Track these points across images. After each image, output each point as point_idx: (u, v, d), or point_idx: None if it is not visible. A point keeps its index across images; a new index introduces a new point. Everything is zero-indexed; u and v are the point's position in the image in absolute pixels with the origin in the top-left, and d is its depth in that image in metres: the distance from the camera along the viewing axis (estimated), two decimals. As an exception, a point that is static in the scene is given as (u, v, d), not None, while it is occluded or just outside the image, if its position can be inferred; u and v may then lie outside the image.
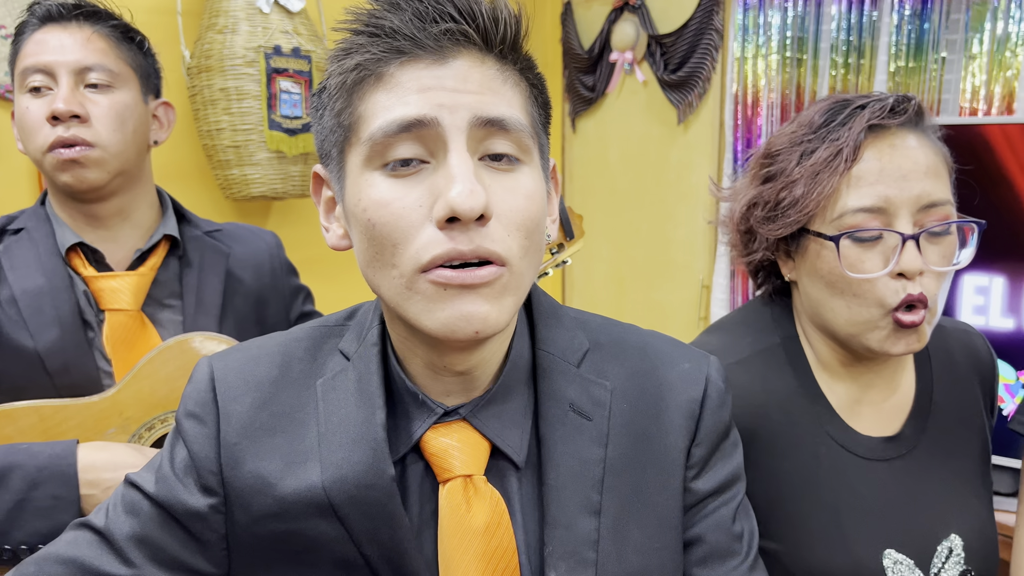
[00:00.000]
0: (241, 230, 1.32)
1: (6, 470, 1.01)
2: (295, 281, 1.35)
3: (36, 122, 1.11)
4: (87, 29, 1.14)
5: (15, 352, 1.10)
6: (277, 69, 1.99)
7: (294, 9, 2.04)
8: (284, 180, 2.09)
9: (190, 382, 0.74)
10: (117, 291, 1.15)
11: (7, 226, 1.16)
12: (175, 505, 0.71)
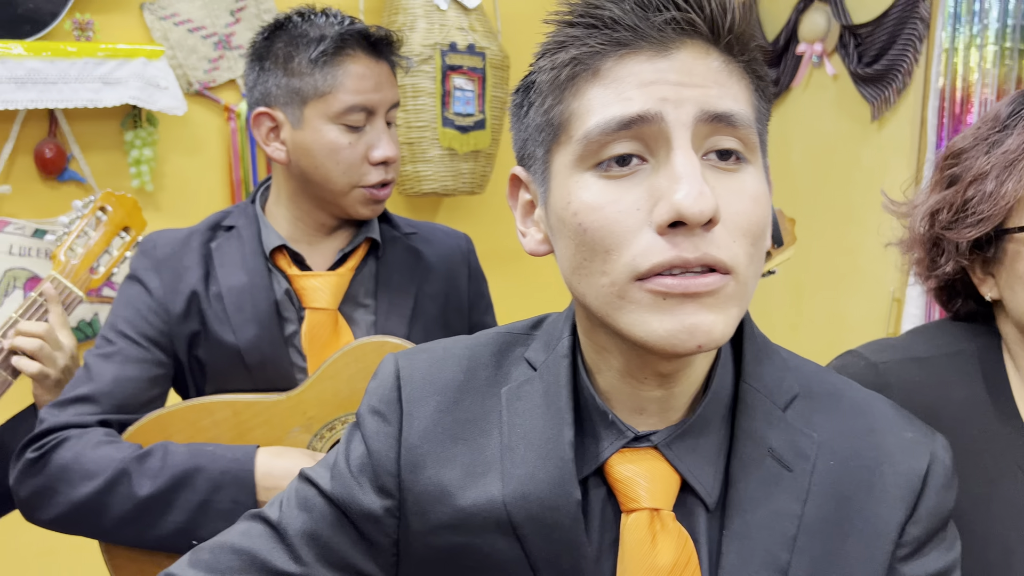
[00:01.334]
0: (436, 231, 1.31)
1: (192, 471, 1.04)
2: (482, 288, 1.33)
3: (355, 159, 1.14)
4: (386, 63, 1.18)
5: (219, 346, 1.14)
6: (452, 66, 1.98)
7: (471, 6, 2.02)
8: (455, 177, 2.08)
9: (375, 378, 0.72)
10: (318, 290, 1.16)
11: (221, 222, 1.20)
12: (349, 504, 0.69)
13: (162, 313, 1.14)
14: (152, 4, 1.93)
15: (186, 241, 1.18)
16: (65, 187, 1.93)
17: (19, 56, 1.72)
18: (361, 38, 1.14)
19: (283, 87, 1.15)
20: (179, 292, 1.14)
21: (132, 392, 1.11)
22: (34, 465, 1.05)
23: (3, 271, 1.84)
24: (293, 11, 1.17)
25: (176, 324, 1.14)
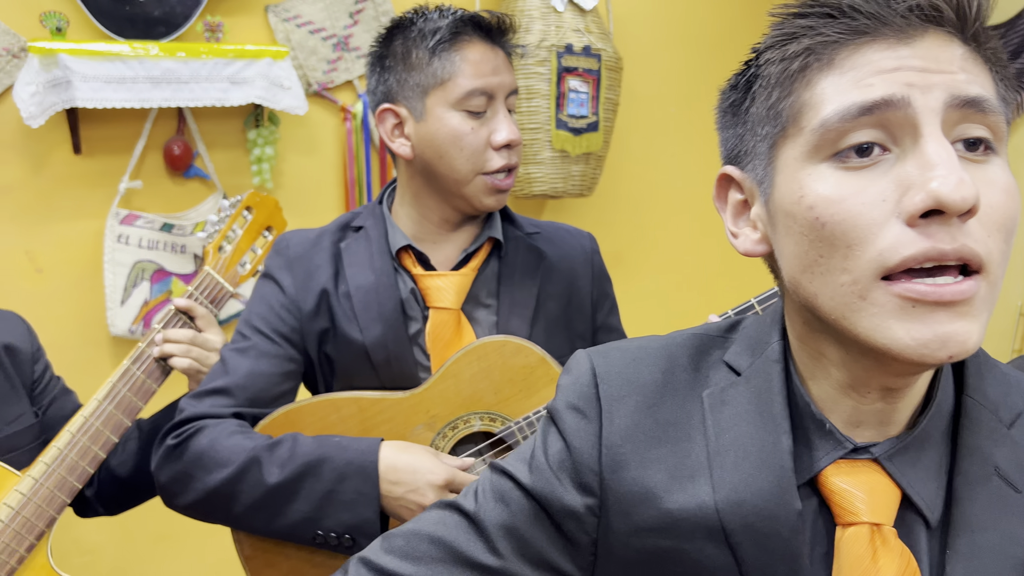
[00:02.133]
0: (560, 231, 1.30)
1: (319, 461, 1.06)
2: (606, 288, 1.30)
3: (479, 144, 1.14)
4: (502, 50, 1.18)
5: (347, 343, 1.16)
6: (568, 68, 1.96)
7: (587, 7, 2.00)
8: (565, 180, 2.07)
9: (567, 373, 0.71)
10: (442, 290, 1.17)
11: (350, 223, 1.23)
12: (550, 499, 0.68)
13: (294, 310, 1.17)
14: (276, 6, 1.99)
15: (317, 241, 1.20)
16: (190, 183, 2.01)
17: (156, 56, 1.80)
18: (475, 24, 1.15)
19: (404, 82, 1.16)
20: (310, 290, 1.17)
21: (265, 386, 1.14)
22: (173, 452, 1.09)
23: (132, 263, 1.92)
24: (408, 11, 1.19)
25: (307, 321, 1.17)
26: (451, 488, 1.07)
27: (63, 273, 1.90)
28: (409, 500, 1.05)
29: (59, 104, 1.75)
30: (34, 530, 1.07)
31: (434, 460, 1.08)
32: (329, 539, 1.06)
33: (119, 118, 1.89)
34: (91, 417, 1.14)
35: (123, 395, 1.17)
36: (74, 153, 1.88)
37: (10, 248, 1.85)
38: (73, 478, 1.11)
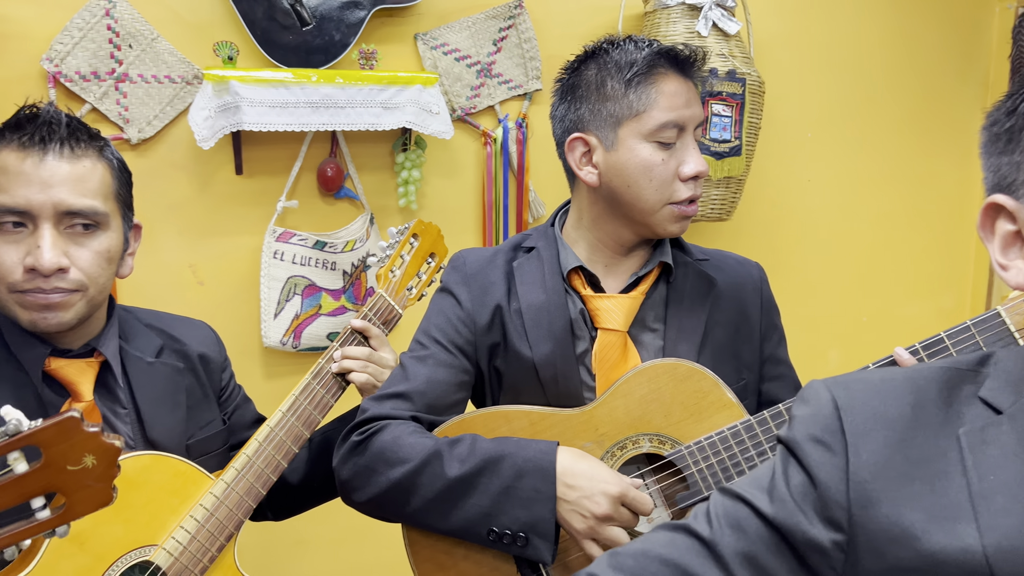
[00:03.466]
0: (728, 259, 1.30)
1: (499, 458, 1.09)
2: (775, 319, 1.29)
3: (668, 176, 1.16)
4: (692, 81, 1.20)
5: (517, 359, 1.19)
6: (711, 92, 1.96)
7: (731, 31, 2.00)
8: (703, 203, 2.05)
9: (805, 404, 0.71)
10: (611, 311, 1.19)
11: (522, 243, 1.27)
12: (794, 532, 0.67)
13: (469, 323, 1.21)
14: (425, 34, 2.07)
15: (492, 259, 1.25)
16: (340, 203, 2.10)
17: (316, 83, 1.89)
18: (671, 58, 1.17)
19: (597, 112, 1.18)
20: (485, 305, 1.21)
21: (441, 393, 1.18)
22: (357, 447, 1.14)
23: (286, 278, 2.02)
24: (603, 40, 1.21)
25: (481, 335, 1.21)
26: (624, 502, 1.08)
27: (222, 286, 2.01)
28: (582, 506, 1.06)
29: (228, 127, 1.86)
30: (224, 531, 1.13)
31: (610, 471, 1.10)
32: (503, 536, 1.08)
33: (278, 141, 2.00)
34: (276, 428, 1.20)
35: (304, 408, 1.23)
36: (236, 174, 2.00)
37: (176, 261, 1.97)
38: (259, 485, 1.17)
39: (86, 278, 1.06)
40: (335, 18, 1.95)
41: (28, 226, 1.04)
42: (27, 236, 1.04)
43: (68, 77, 1.83)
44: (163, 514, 1.08)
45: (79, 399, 1.09)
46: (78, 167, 1.06)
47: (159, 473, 1.09)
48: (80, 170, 1.06)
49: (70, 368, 1.09)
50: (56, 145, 1.05)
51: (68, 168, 1.05)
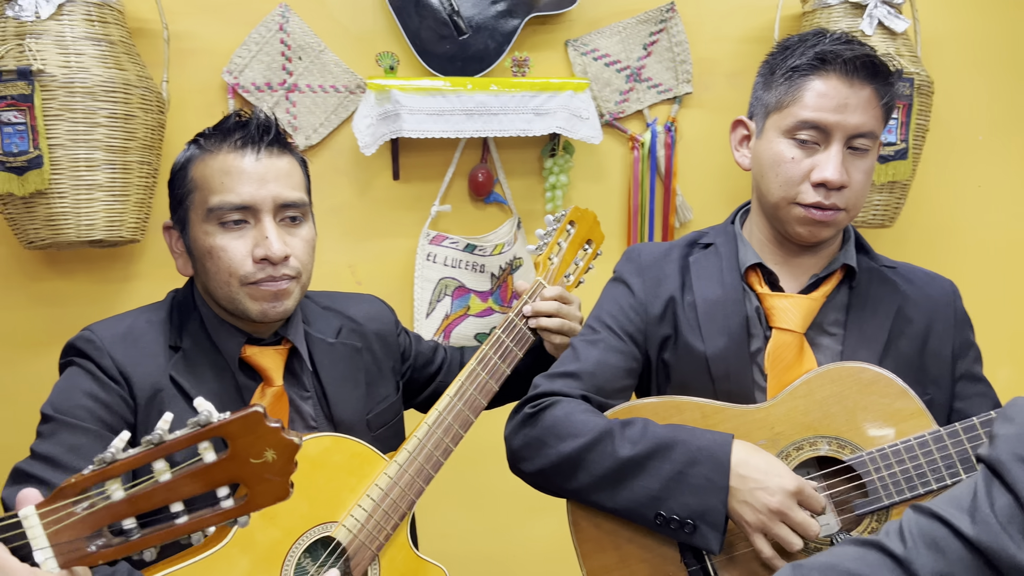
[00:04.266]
0: (918, 272, 1.26)
1: (672, 443, 1.08)
2: (970, 336, 1.23)
3: (795, 176, 1.13)
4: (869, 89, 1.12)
5: (688, 352, 1.18)
6: (875, 92, 1.88)
7: (899, 29, 1.91)
8: (865, 209, 1.97)
9: (1010, 422, 0.68)
10: (787, 311, 1.16)
11: (699, 240, 1.28)
12: (999, 554, 0.65)
13: (642, 312, 1.22)
14: (575, 40, 2.09)
15: (667, 253, 1.26)
16: (489, 208, 2.14)
17: (471, 90, 1.95)
18: (841, 59, 1.12)
19: (759, 98, 1.20)
20: (658, 296, 1.21)
21: (610, 377, 1.19)
22: (530, 419, 1.16)
23: (438, 279, 2.08)
24: (812, 31, 1.18)
25: (653, 325, 1.21)
26: (800, 500, 1.06)
27: (379, 286, 2.09)
28: (755, 497, 1.04)
29: (388, 134, 1.94)
30: (398, 511, 1.16)
31: (786, 468, 1.07)
32: (671, 521, 1.08)
33: (433, 147, 2.07)
34: (444, 412, 1.23)
35: (470, 394, 1.25)
36: (393, 179, 2.08)
37: (337, 261, 2.07)
38: (429, 466, 1.20)
39: (301, 265, 1.14)
40: (490, 27, 2.00)
41: (249, 221, 1.12)
42: (250, 230, 1.12)
43: (245, 88, 1.96)
44: (342, 493, 1.13)
45: (270, 384, 1.16)
46: (285, 163, 1.14)
47: (338, 454, 1.14)
48: (287, 166, 1.15)
49: (262, 355, 1.17)
50: (268, 145, 1.13)
51: (279, 164, 1.13)
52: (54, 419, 1.04)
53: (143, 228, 1.86)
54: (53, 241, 1.74)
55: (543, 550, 2.21)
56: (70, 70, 1.68)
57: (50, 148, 1.68)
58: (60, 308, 1.94)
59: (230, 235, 1.11)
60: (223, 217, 1.10)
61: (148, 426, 1.07)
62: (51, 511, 0.71)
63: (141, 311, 1.18)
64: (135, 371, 1.08)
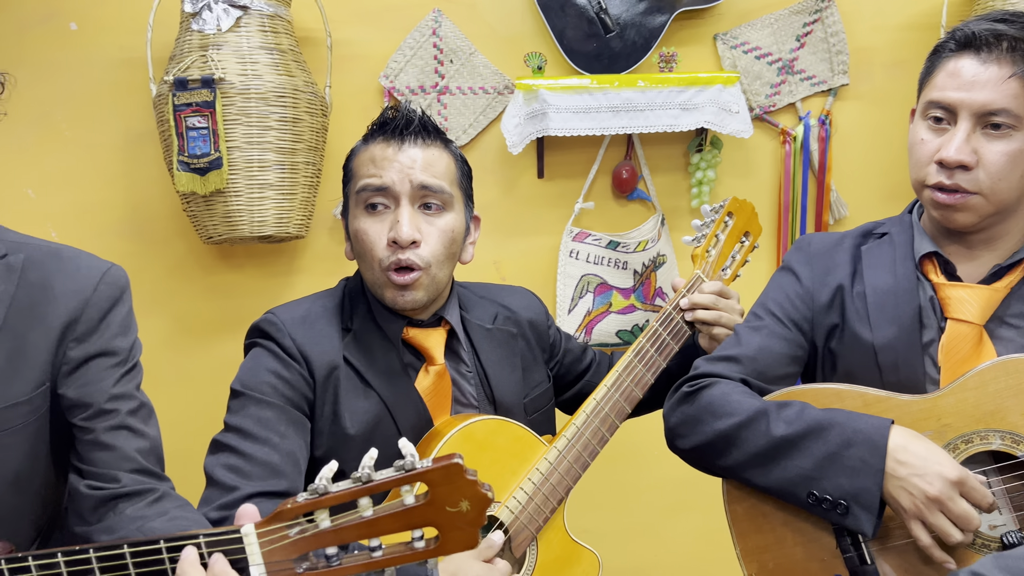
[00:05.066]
0: None
1: (827, 424, 1.07)
2: None
3: (924, 157, 1.11)
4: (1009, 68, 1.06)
5: (855, 342, 1.16)
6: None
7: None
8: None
9: None
10: (965, 302, 1.11)
11: (874, 230, 1.25)
12: None
13: (808, 301, 1.20)
14: (725, 34, 2.06)
15: (839, 242, 1.24)
16: (632, 205, 2.14)
17: (617, 87, 1.96)
18: (974, 35, 1.08)
19: (921, 81, 1.17)
20: (826, 284, 1.20)
21: (771, 363, 1.19)
22: (687, 397, 1.17)
23: (580, 275, 2.10)
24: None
25: (819, 313, 1.20)
26: (962, 491, 1.01)
27: (522, 282, 2.11)
28: (912, 483, 1.01)
29: (534, 133, 1.98)
30: (556, 495, 1.19)
31: (949, 457, 1.03)
32: (823, 501, 1.06)
33: (578, 145, 2.09)
34: (601, 402, 1.25)
35: (626, 385, 1.26)
36: (538, 177, 2.11)
37: (482, 258, 2.12)
38: (586, 454, 1.22)
39: (431, 255, 1.18)
40: (637, 24, 2.00)
41: (390, 206, 1.18)
42: (389, 214, 1.18)
43: (400, 91, 2.05)
44: (505, 474, 1.17)
45: (432, 362, 1.21)
46: (428, 152, 1.20)
47: (502, 437, 1.17)
48: (430, 156, 1.20)
49: (424, 336, 1.22)
50: (412, 135, 1.19)
51: (421, 153, 1.19)
52: (243, 394, 1.12)
53: (307, 225, 1.98)
54: (229, 236, 1.88)
55: (688, 550, 2.19)
56: (246, 78, 1.82)
57: (228, 150, 1.82)
58: (231, 300, 2.09)
59: (372, 218, 1.18)
60: (367, 200, 1.18)
61: (325, 402, 1.14)
62: (268, 532, 0.77)
63: (316, 296, 1.26)
64: (313, 351, 1.16)
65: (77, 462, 1.02)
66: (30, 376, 0.98)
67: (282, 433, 1.09)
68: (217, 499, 1.04)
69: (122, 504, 0.98)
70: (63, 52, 1.97)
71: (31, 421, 0.99)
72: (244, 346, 1.24)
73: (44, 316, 0.99)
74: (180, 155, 1.81)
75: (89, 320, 1.01)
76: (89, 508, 0.99)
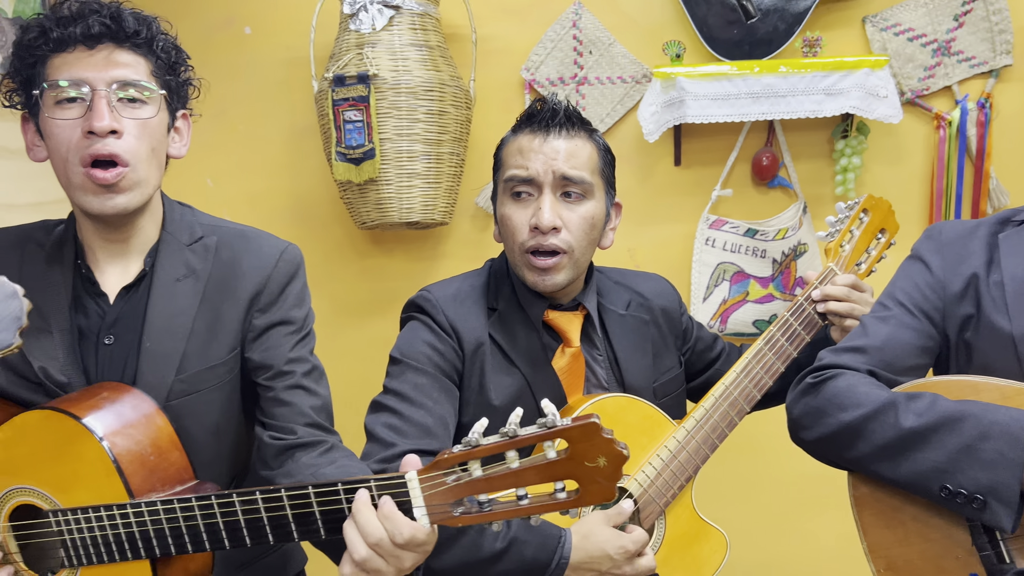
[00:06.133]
0: None
1: (961, 417, 1.04)
2: None
3: None
4: None
5: (991, 332, 1.13)
6: None
7: None
8: None
9: None
10: None
11: (1012, 217, 1.21)
12: None
13: (939, 290, 1.17)
14: (874, 16, 1.99)
15: (973, 230, 1.20)
16: (772, 192, 2.11)
17: (758, 73, 1.94)
18: None
19: None
20: (959, 274, 1.16)
21: (899, 354, 1.16)
22: (812, 388, 1.17)
23: (716, 264, 2.09)
24: None
25: (952, 303, 1.16)
26: None
27: (656, 270, 2.13)
28: None
29: (671, 121, 1.99)
30: (684, 473, 1.22)
31: None
32: (958, 496, 1.03)
33: (716, 132, 2.08)
34: (730, 386, 1.27)
35: (755, 372, 1.27)
36: (675, 165, 2.13)
37: (618, 246, 2.16)
38: (715, 436, 1.24)
39: (572, 239, 1.24)
40: (780, 9, 1.97)
41: (534, 194, 1.24)
42: (533, 202, 1.24)
43: (540, 83, 2.12)
44: (634, 450, 1.21)
45: (569, 344, 1.28)
46: (572, 143, 1.25)
47: (632, 414, 1.22)
48: (573, 146, 1.25)
49: (563, 319, 1.29)
50: (556, 127, 1.24)
51: (565, 144, 1.24)
52: (401, 362, 1.23)
53: (451, 212, 2.09)
54: (380, 222, 2.02)
55: (819, 548, 2.14)
56: (397, 73, 1.94)
57: (380, 142, 1.95)
58: (381, 282, 2.24)
59: (517, 205, 1.24)
60: (513, 188, 1.25)
61: (472, 374, 1.23)
62: (428, 478, 0.87)
63: (465, 276, 1.35)
64: (463, 327, 1.25)
65: (261, 416, 1.16)
66: (225, 341, 1.13)
67: (435, 399, 1.19)
68: (378, 454, 1.15)
69: (299, 453, 1.11)
70: (238, 55, 2.17)
71: (227, 380, 1.14)
72: (400, 319, 1.35)
73: (235, 290, 1.14)
74: (338, 146, 1.96)
75: (270, 293, 1.15)
76: (271, 455, 1.13)
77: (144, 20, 1.08)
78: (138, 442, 1.00)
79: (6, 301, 0.62)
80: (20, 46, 1.05)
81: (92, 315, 1.10)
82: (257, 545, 0.94)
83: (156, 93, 1.08)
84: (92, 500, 0.97)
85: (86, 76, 1.03)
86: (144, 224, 1.13)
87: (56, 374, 1.06)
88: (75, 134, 1.03)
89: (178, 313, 1.11)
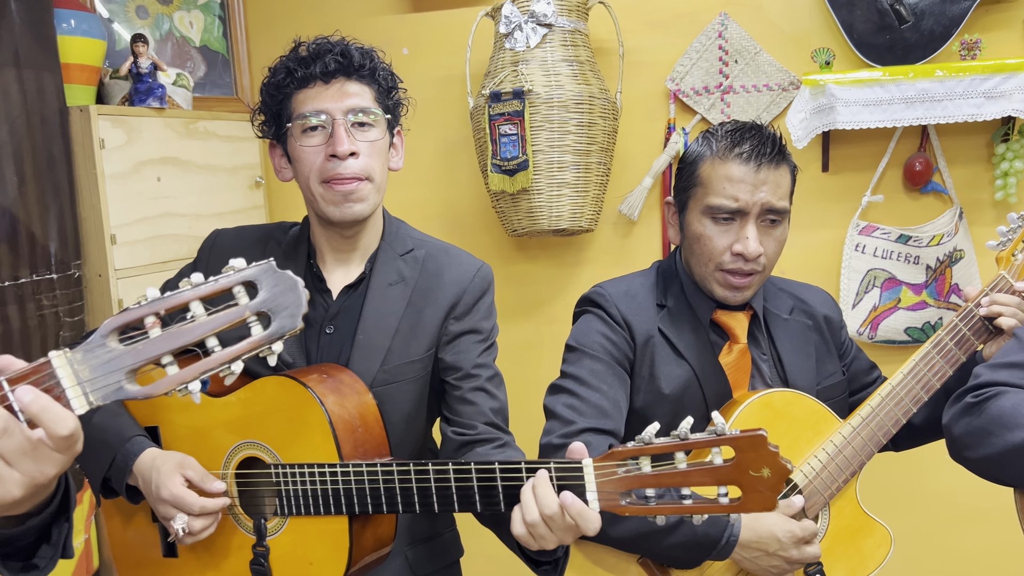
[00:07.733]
0: None
1: None
2: None
3: None
4: None
5: None
6: None
7: None
8: None
9: None
10: None
11: None
12: None
13: None
14: (1038, 17, 1.93)
15: None
16: (925, 198, 2.08)
17: (911, 78, 1.92)
18: None
19: None
20: None
21: None
22: (973, 408, 1.15)
23: (866, 270, 2.08)
24: None
25: None
26: None
27: (804, 276, 2.11)
28: None
29: (820, 127, 2.00)
30: (849, 468, 1.24)
31: None
32: None
33: (866, 138, 2.07)
34: (897, 387, 1.28)
35: (923, 374, 1.28)
36: (822, 171, 2.13)
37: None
38: (880, 434, 1.26)
39: (767, 261, 1.28)
40: (936, 12, 1.95)
41: (735, 220, 1.28)
42: (735, 226, 1.28)
43: (684, 93, 2.17)
44: (800, 443, 1.24)
45: (735, 341, 1.32)
46: (777, 174, 1.28)
47: (798, 408, 1.25)
48: (778, 177, 1.28)
49: (730, 318, 1.33)
50: (768, 159, 1.27)
51: (774, 176, 1.27)
52: (578, 350, 1.31)
53: (596, 219, 2.16)
54: (530, 230, 2.12)
55: (975, 563, 2.08)
56: (550, 88, 2.04)
57: (532, 153, 2.05)
58: (526, 287, 2.34)
59: (718, 228, 1.28)
60: (717, 214, 1.28)
61: (643, 364, 1.30)
62: (601, 466, 0.94)
63: (635, 275, 1.42)
64: (634, 320, 1.32)
65: (446, 412, 1.28)
66: (424, 341, 1.26)
67: (609, 383, 1.27)
68: (559, 429, 1.24)
69: (477, 447, 1.22)
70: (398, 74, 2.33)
71: (421, 376, 1.27)
72: (574, 313, 1.43)
73: (436, 298, 1.27)
74: (493, 159, 2.07)
75: (465, 304, 1.28)
76: (453, 448, 1.24)
77: (367, 53, 1.23)
78: (351, 414, 1.13)
79: (294, 290, 0.75)
80: (270, 85, 1.22)
81: (318, 307, 1.26)
82: (444, 512, 1.02)
83: (380, 116, 1.23)
84: (307, 458, 1.10)
85: (326, 107, 1.18)
86: (368, 233, 1.28)
87: (284, 355, 1.21)
88: (319, 158, 1.19)
89: (388, 313, 1.24)
